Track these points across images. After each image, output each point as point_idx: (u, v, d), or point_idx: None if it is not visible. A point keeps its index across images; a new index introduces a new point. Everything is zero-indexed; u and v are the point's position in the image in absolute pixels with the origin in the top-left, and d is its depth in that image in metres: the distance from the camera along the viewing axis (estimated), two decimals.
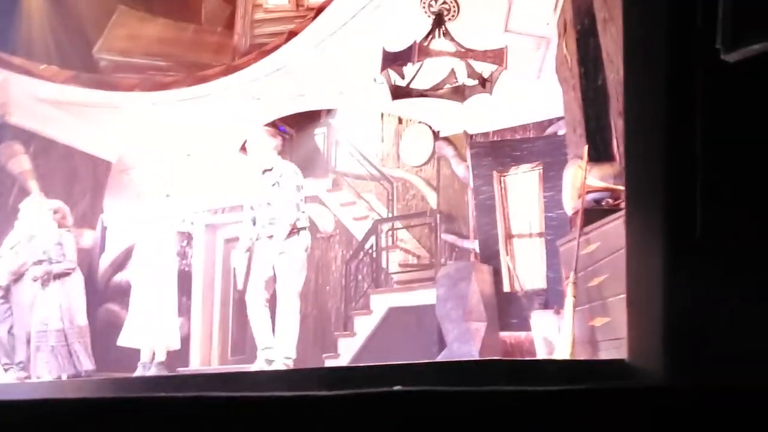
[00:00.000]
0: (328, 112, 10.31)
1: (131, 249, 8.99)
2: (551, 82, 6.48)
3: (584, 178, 3.87)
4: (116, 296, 10.22)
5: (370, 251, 8.46)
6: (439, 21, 6.57)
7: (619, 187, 3.74)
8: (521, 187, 7.36)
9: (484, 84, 6.54)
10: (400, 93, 6.74)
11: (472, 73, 6.45)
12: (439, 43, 6.45)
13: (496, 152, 7.57)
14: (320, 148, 10.38)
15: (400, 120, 10.10)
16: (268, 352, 4.79)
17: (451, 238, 8.04)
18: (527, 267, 7.12)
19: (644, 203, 1.41)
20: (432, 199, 9.39)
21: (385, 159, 10.19)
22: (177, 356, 6.65)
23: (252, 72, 8.00)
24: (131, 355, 5.75)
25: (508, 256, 7.11)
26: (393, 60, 6.35)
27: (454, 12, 6.66)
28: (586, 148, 4.04)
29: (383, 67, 6.43)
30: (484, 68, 6.52)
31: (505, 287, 6.99)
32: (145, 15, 10.59)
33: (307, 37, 7.42)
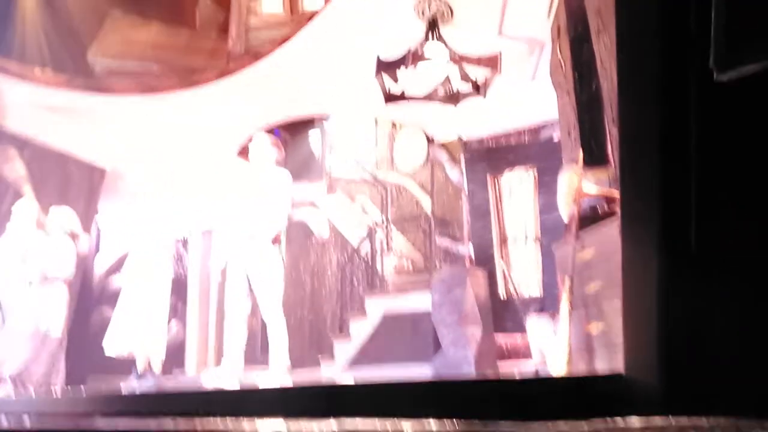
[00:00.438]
0: (322, 117, 10.32)
1: (126, 254, 8.99)
2: (545, 86, 6.50)
3: (579, 182, 3.88)
4: (111, 301, 10.19)
5: (365, 256, 8.46)
6: (432, 26, 6.59)
7: (614, 192, 3.76)
8: (516, 192, 7.38)
9: (478, 88, 6.58)
10: (393, 98, 6.77)
11: (465, 77, 6.48)
12: (432, 47, 6.47)
13: (491, 156, 7.59)
14: (314, 152, 10.38)
15: (393, 124, 10.11)
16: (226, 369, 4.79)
17: (445, 242, 8.05)
18: (522, 271, 7.14)
19: (639, 211, 1.41)
20: (426, 203, 9.40)
21: (379, 163, 10.20)
22: (173, 360, 6.64)
23: (246, 76, 8.00)
24: (125, 360, 5.73)
25: (503, 260, 7.12)
26: (386, 65, 6.37)
27: (448, 17, 6.67)
28: (580, 152, 4.05)
29: (377, 72, 6.45)
30: (478, 73, 6.56)
31: (501, 292, 7.01)
32: (138, 20, 10.58)
33: (301, 42, 7.42)
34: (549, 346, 5.17)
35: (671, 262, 1.21)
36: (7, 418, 2.43)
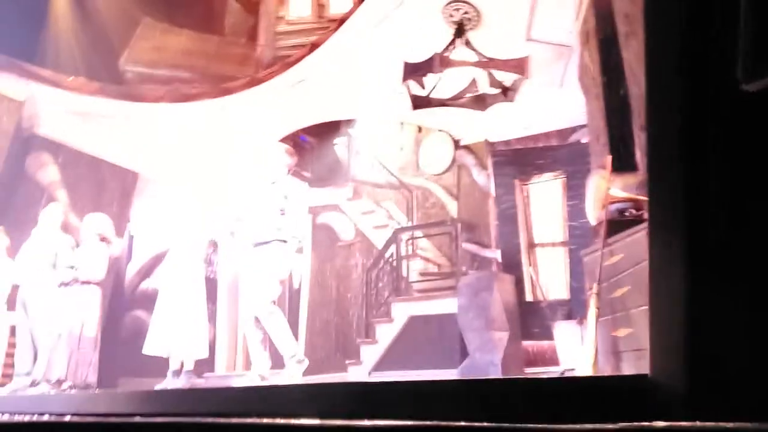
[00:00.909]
0: (349, 122, 10.38)
1: (158, 257, 9.13)
2: (574, 90, 6.48)
3: (607, 188, 3.87)
4: (143, 304, 10.35)
5: (391, 260, 8.48)
6: (460, 31, 6.61)
7: (643, 198, 3.74)
8: (544, 196, 7.35)
9: (506, 93, 6.57)
10: (420, 103, 6.79)
11: (493, 82, 6.48)
12: (460, 52, 6.48)
13: (518, 161, 7.57)
14: (340, 157, 10.44)
15: (419, 129, 10.13)
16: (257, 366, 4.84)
17: (472, 247, 8.04)
18: (550, 277, 7.10)
19: (666, 217, 1.42)
20: (452, 207, 9.40)
21: (405, 168, 10.22)
22: (203, 362, 6.72)
23: (275, 84, 8.08)
24: (158, 362, 5.81)
25: (530, 265, 7.10)
26: (414, 70, 6.40)
27: (476, 21, 6.68)
28: (609, 158, 4.04)
29: (404, 78, 6.48)
30: (506, 77, 6.55)
31: (528, 297, 6.98)
32: (169, 27, 10.77)
33: (328, 48, 7.48)
34: (576, 352, 5.16)
35: (698, 267, 1.23)
36: (49, 417, 2.51)
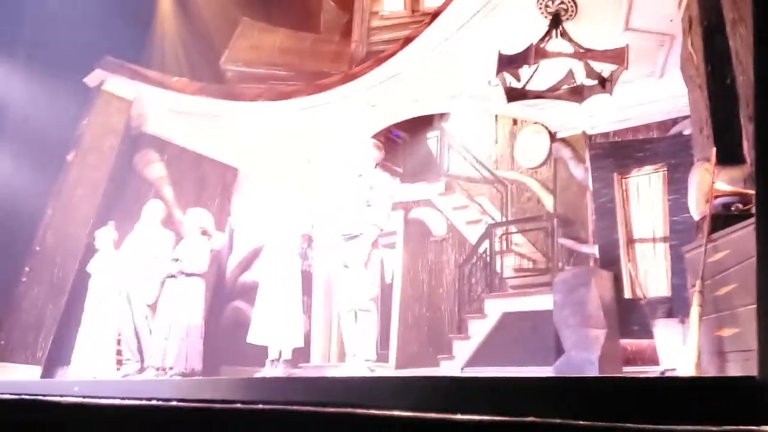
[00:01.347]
0: (442, 116, 10.36)
1: (257, 250, 9.43)
2: (675, 80, 6.22)
3: (712, 181, 3.71)
4: (243, 295, 10.73)
5: (484, 255, 8.42)
6: (556, 21, 6.48)
7: (750, 191, 3.56)
8: (644, 190, 7.09)
9: (604, 84, 6.39)
10: (515, 95, 6.70)
11: (591, 73, 6.32)
12: (556, 43, 6.36)
13: (617, 153, 7.33)
14: (433, 152, 10.45)
15: (514, 121, 10.00)
16: (352, 357, 4.91)
17: (568, 242, 7.86)
18: (650, 273, 6.86)
19: None
20: (548, 202, 9.23)
21: (499, 161, 10.12)
22: (299, 353, 6.90)
23: (368, 79, 8.18)
24: (258, 351, 6.02)
25: (629, 261, 6.87)
26: (509, 62, 6.32)
27: (572, 12, 6.54)
28: (713, 150, 3.87)
29: (499, 70, 6.41)
30: (604, 68, 6.37)
31: (627, 294, 6.76)
32: (266, 26, 11.09)
33: (422, 42, 7.51)
34: (677, 351, 4.97)
35: None
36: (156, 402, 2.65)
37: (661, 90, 7.39)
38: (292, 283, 5.77)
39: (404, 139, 10.51)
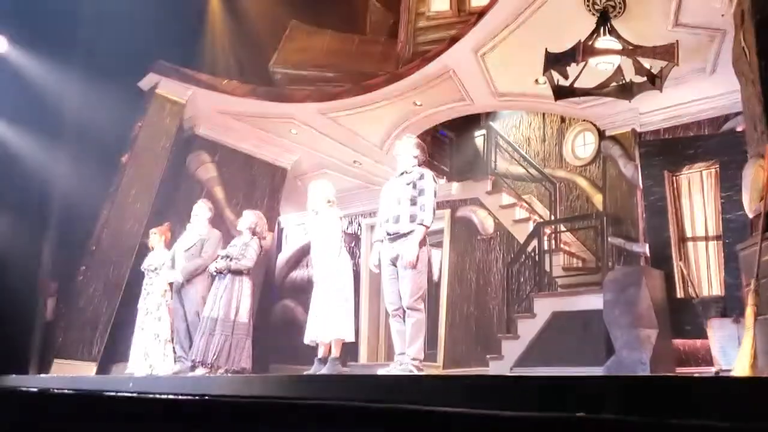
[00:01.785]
0: (489, 114, 10.32)
1: (305, 248, 9.55)
2: (727, 76, 6.10)
3: (766, 178, 3.64)
4: (291, 293, 10.89)
5: (533, 254, 8.37)
6: (604, 18, 6.41)
7: None
8: (695, 188, 6.96)
9: (654, 80, 6.30)
10: (563, 93, 6.65)
11: (640, 69, 6.24)
12: (604, 41, 6.29)
13: (668, 151, 7.21)
14: (480, 150, 10.42)
15: (563, 119, 9.91)
16: (400, 357, 4.92)
17: (618, 241, 7.75)
18: (703, 272, 6.72)
19: None
20: (598, 200, 9.12)
21: (547, 159, 10.04)
22: (348, 351, 6.97)
23: (415, 79, 8.21)
24: (307, 349, 6.09)
25: (681, 260, 6.75)
26: (556, 60, 6.28)
27: (620, 9, 6.45)
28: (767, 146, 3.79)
29: (546, 68, 6.38)
30: (654, 64, 6.28)
31: (679, 293, 6.65)
32: (314, 28, 11.22)
33: (468, 41, 7.50)
34: (732, 351, 4.88)
35: None
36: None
37: (712, 86, 7.24)
38: (343, 281, 5.82)
39: (451, 138, 10.51)
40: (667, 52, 5.89)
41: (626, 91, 6.56)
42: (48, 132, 8.70)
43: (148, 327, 7.30)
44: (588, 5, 6.49)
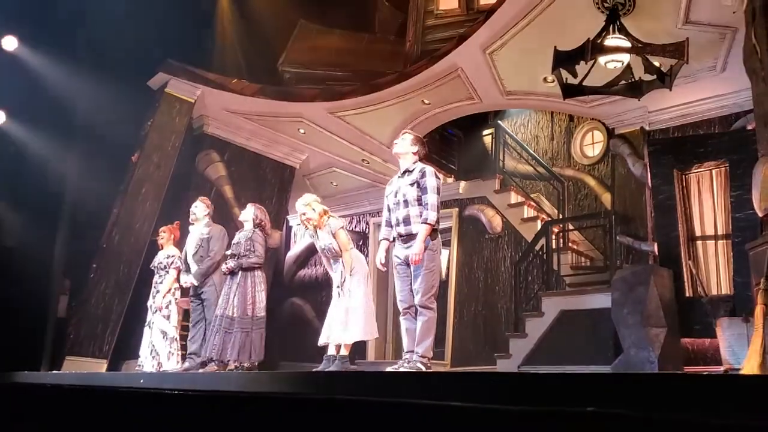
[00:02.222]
0: (497, 113, 10.32)
1: (312, 247, 9.57)
2: (738, 74, 6.08)
3: None
4: (300, 291, 10.93)
5: (541, 253, 8.37)
6: (613, 16, 6.40)
7: None
8: (705, 186, 6.94)
9: (663, 79, 6.29)
10: (572, 91, 6.65)
11: (649, 67, 6.23)
12: (613, 39, 6.28)
13: (677, 149, 7.19)
14: (488, 149, 10.42)
15: (571, 117, 9.90)
16: (408, 355, 4.94)
17: (627, 240, 7.74)
18: (712, 271, 6.71)
19: None
20: (606, 199, 9.12)
21: (556, 158, 10.03)
22: (355, 349, 6.98)
23: (423, 78, 8.22)
24: (315, 346, 6.11)
25: (690, 259, 6.74)
26: (565, 58, 6.28)
27: (630, 6, 6.45)
28: None
29: (555, 66, 6.37)
30: (663, 62, 6.27)
31: (687, 292, 6.63)
32: (323, 27, 11.25)
33: (476, 40, 7.51)
34: (741, 350, 4.87)
35: None
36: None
37: (722, 84, 7.22)
38: (354, 280, 5.83)
39: (459, 136, 10.52)
40: (677, 50, 5.88)
41: (635, 89, 6.55)
42: (60, 131, 8.78)
43: (156, 324, 7.34)
44: (597, 3, 6.48)
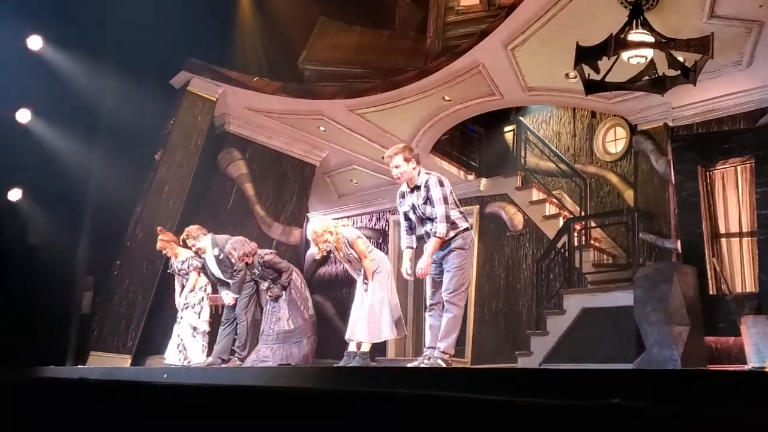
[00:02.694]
0: (518, 109, 10.27)
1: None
2: (764, 68, 6.01)
3: None
4: (321, 289, 10.96)
5: (562, 250, 8.31)
6: (636, 11, 6.33)
7: None
8: (730, 183, 6.85)
9: (687, 74, 6.21)
10: (594, 87, 6.59)
11: (673, 63, 6.15)
12: (636, 34, 6.22)
13: (701, 145, 7.10)
14: (510, 145, 10.37)
15: (593, 114, 9.82)
16: (429, 351, 4.97)
17: (650, 237, 7.66)
18: (737, 268, 6.62)
19: None
20: (629, 196, 9.03)
21: (578, 155, 9.96)
22: (376, 346, 6.99)
23: (444, 74, 8.20)
24: (336, 344, 6.16)
25: (714, 256, 6.65)
26: (588, 54, 6.22)
27: (653, 1, 6.38)
28: None
29: (577, 62, 6.32)
30: (687, 57, 6.20)
31: (711, 290, 6.55)
32: (343, 25, 11.26)
33: (498, 36, 7.47)
34: (766, 349, 4.81)
35: None
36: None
37: (748, 79, 7.11)
38: (377, 279, 5.86)
39: (480, 133, 10.47)
40: (702, 45, 5.81)
41: (659, 85, 6.47)
42: (84, 130, 8.88)
43: (185, 320, 7.44)
44: None
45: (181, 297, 7.57)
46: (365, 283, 5.84)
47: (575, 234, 8.32)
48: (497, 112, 9.57)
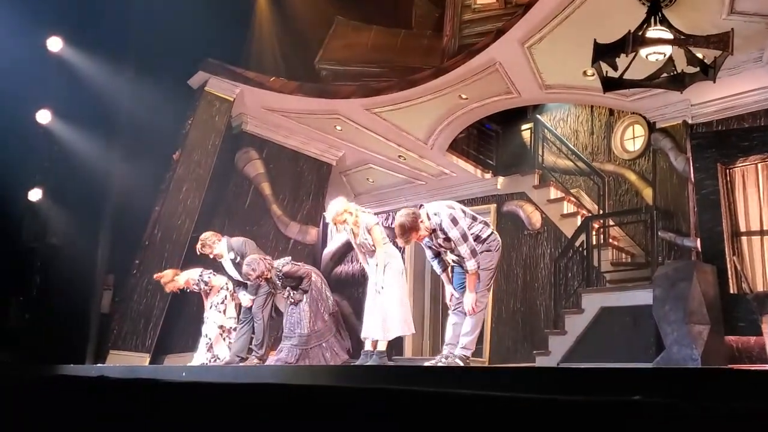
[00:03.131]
0: (536, 107, 10.22)
1: (349, 243, 9.64)
2: None
3: None
4: (337, 288, 10.97)
5: (580, 249, 8.26)
6: (654, 8, 6.28)
7: None
8: (750, 181, 6.77)
9: (707, 71, 6.14)
10: (612, 85, 6.54)
11: (692, 59, 6.09)
12: (655, 31, 6.17)
13: (721, 143, 7.03)
14: (527, 144, 10.33)
15: (611, 112, 9.75)
16: (447, 348, 5.01)
17: (669, 236, 7.59)
18: (757, 267, 6.55)
19: None
20: (647, 194, 8.95)
21: (596, 153, 9.90)
22: (392, 345, 7.00)
23: (460, 73, 8.17)
24: (354, 343, 6.17)
25: (734, 255, 6.59)
26: (605, 51, 6.18)
27: None
28: None
29: (595, 60, 6.28)
30: (707, 54, 6.13)
31: (732, 288, 6.49)
32: (359, 24, 11.26)
33: (515, 33, 7.43)
34: None
35: None
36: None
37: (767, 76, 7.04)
38: (389, 276, 5.85)
39: (497, 131, 10.44)
40: (721, 41, 5.74)
41: (678, 82, 6.41)
42: (103, 130, 8.96)
43: (211, 319, 7.51)
44: None
45: (207, 302, 7.68)
46: (376, 282, 5.84)
47: (593, 232, 8.27)
48: (514, 110, 9.53)
